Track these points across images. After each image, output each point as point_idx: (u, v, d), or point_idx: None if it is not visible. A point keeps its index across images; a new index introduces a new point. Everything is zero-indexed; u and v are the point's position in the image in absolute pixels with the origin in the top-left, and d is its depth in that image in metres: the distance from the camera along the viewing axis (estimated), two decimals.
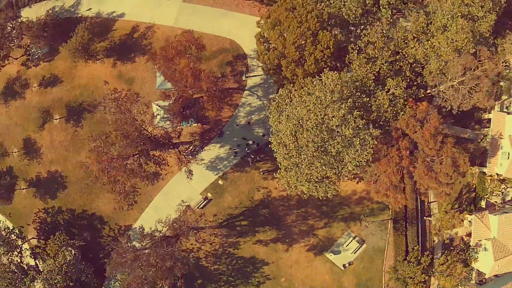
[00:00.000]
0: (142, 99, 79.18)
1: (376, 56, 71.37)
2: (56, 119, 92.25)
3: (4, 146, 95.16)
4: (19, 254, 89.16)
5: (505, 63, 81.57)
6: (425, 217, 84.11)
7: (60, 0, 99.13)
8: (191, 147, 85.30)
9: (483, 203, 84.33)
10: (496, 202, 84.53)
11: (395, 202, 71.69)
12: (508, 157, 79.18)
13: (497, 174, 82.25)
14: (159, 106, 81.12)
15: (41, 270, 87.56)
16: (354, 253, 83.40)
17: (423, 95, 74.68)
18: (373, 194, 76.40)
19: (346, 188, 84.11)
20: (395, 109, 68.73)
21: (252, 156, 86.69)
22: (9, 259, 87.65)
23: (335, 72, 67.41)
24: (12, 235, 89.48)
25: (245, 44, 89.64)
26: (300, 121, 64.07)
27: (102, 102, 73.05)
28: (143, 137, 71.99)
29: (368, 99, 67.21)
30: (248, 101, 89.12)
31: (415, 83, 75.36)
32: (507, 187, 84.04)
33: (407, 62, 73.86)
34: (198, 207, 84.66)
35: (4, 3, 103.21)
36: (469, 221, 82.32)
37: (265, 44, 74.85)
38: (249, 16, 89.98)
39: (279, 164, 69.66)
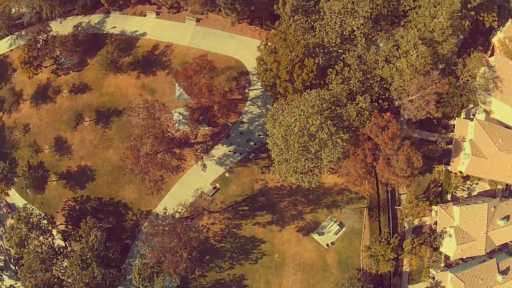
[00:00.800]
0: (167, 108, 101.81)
1: (350, 76, 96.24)
2: (87, 121, 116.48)
3: (37, 143, 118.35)
4: (50, 237, 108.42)
5: (465, 78, 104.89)
6: (396, 207, 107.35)
7: (86, 17, 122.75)
8: (204, 146, 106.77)
9: (449, 197, 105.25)
10: (461, 196, 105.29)
11: (364, 191, 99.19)
12: (468, 157, 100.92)
13: (460, 172, 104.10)
14: (179, 113, 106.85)
15: (71, 250, 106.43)
16: (336, 234, 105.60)
17: (387, 107, 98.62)
18: (347, 184, 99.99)
19: (329, 180, 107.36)
20: (362, 118, 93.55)
21: (253, 154, 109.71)
22: (42, 241, 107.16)
23: (318, 89, 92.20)
24: (44, 221, 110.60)
25: (248, 62, 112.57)
26: (289, 127, 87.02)
27: (136, 109, 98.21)
28: (167, 138, 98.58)
29: (341, 110, 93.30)
30: (250, 110, 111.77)
31: (383, 97, 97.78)
32: (473, 184, 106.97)
33: (376, 80, 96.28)
34: (208, 195, 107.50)
35: (32, 15, 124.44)
36: (436, 212, 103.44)
37: (263, 66, 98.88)
38: (251, 39, 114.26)
39: (273, 160, 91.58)
